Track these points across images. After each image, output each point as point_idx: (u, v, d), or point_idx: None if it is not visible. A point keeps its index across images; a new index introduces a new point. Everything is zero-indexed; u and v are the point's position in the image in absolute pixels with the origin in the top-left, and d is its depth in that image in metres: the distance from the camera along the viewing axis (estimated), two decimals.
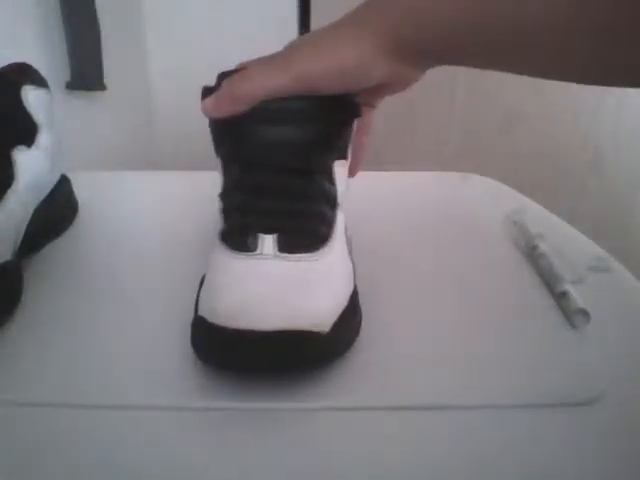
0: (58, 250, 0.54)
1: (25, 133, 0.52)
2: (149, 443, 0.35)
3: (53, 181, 0.56)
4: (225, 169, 0.46)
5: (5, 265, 0.45)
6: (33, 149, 0.52)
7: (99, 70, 0.85)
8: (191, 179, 0.66)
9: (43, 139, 0.53)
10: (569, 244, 0.55)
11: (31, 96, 0.52)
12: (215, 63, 0.48)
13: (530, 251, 0.54)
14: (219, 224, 0.44)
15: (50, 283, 0.49)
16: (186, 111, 0.71)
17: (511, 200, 0.65)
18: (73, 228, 0.58)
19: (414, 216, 0.61)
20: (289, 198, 0.42)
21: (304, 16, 0.92)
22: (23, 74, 0.53)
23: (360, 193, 0.51)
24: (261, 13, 0.88)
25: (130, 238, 0.56)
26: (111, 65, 0.85)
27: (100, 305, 0.46)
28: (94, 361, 0.40)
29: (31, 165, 0.51)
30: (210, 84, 0.45)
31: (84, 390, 0.38)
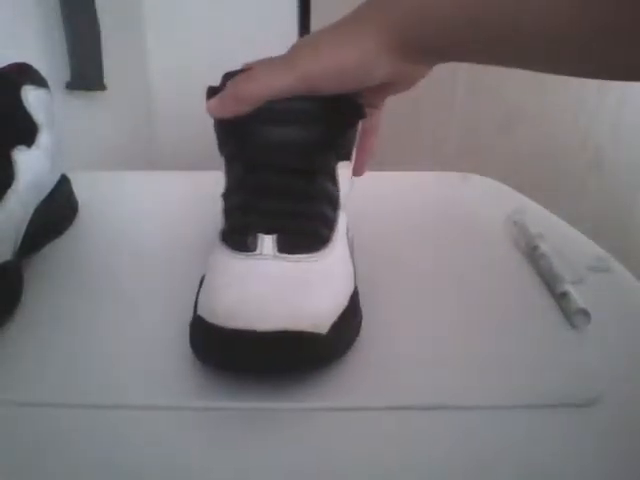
0: (58, 250, 0.54)
1: (25, 133, 0.52)
2: (148, 443, 0.35)
3: (53, 181, 0.56)
4: (228, 169, 0.46)
5: (5, 265, 0.45)
6: (33, 149, 0.52)
7: (99, 70, 0.85)
8: (191, 179, 0.66)
9: (43, 139, 0.53)
10: (569, 244, 0.55)
11: (31, 96, 0.52)
12: (215, 63, 0.48)
13: (530, 251, 0.54)
14: (220, 224, 0.44)
15: (50, 283, 0.49)
16: (186, 111, 0.71)
17: (511, 200, 0.65)
18: (73, 228, 0.58)
19: (414, 216, 0.61)
20: (291, 199, 0.42)
21: (304, 16, 0.92)
22: (23, 74, 0.53)
23: (360, 193, 0.51)
24: (261, 13, 0.88)
25: (130, 238, 0.56)
26: (111, 65, 0.85)
27: (100, 305, 0.46)
28: (94, 361, 0.40)
29: (31, 165, 0.51)
30: (210, 84, 0.45)
31: (84, 390, 0.38)
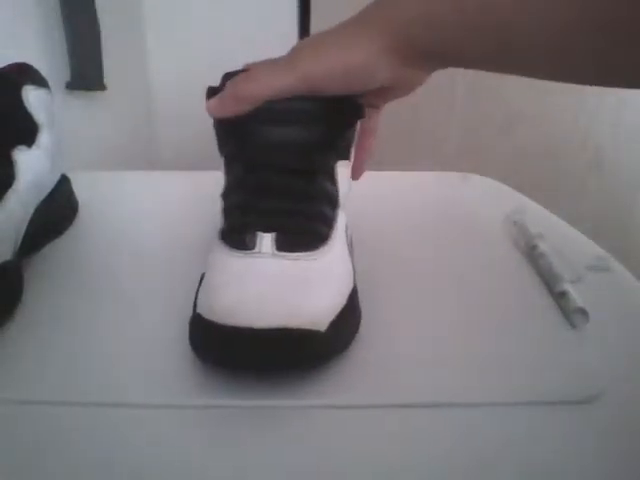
0: (58, 250, 0.54)
1: (25, 133, 0.52)
2: (148, 441, 0.35)
3: (53, 181, 0.56)
4: (228, 169, 0.46)
5: (5, 265, 0.45)
6: (33, 149, 0.52)
7: (99, 70, 0.85)
8: (191, 179, 0.66)
9: (43, 139, 0.53)
10: (569, 244, 0.55)
11: (32, 96, 0.52)
12: (215, 63, 0.48)
13: (530, 251, 0.54)
14: (219, 223, 0.44)
15: (50, 283, 0.49)
16: (186, 111, 0.71)
17: (511, 200, 0.65)
18: (73, 228, 0.58)
19: (414, 216, 0.61)
20: (290, 198, 0.42)
21: (304, 16, 0.92)
22: (24, 74, 0.53)
23: (360, 193, 0.51)
24: (261, 13, 0.88)
25: (130, 238, 0.56)
26: (111, 65, 0.85)
27: (100, 305, 0.46)
28: (94, 360, 0.40)
29: (31, 165, 0.51)
30: (211, 84, 0.45)
31: (84, 388, 0.38)
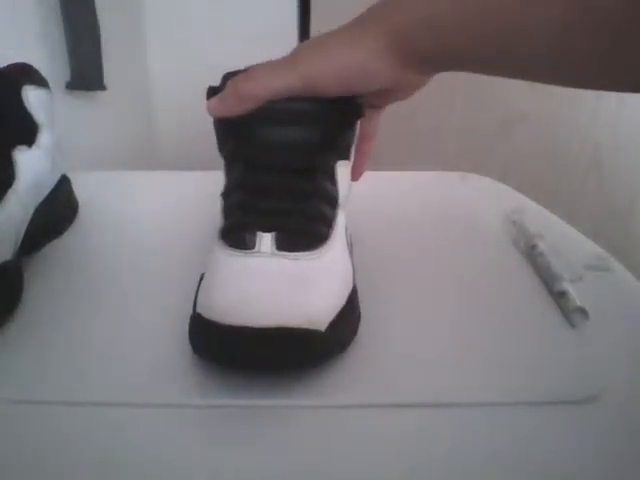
0: (58, 250, 0.54)
1: (26, 133, 0.52)
2: (148, 441, 0.35)
3: (53, 181, 0.56)
4: (228, 168, 0.46)
5: (5, 265, 0.45)
6: (34, 149, 0.52)
7: (99, 70, 0.85)
8: (191, 179, 0.66)
9: (44, 139, 0.53)
10: (568, 244, 0.55)
11: (32, 96, 0.52)
12: (215, 63, 0.48)
13: (529, 250, 0.54)
14: (219, 223, 0.44)
15: (50, 283, 0.49)
16: (186, 111, 0.71)
17: (510, 200, 0.65)
18: (73, 228, 0.58)
19: (414, 216, 0.61)
20: (290, 198, 0.42)
21: (304, 17, 0.92)
22: (24, 74, 0.53)
23: (360, 193, 0.51)
24: (261, 14, 0.88)
25: (130, 238, 0.56)
26: (111, 65, 0.85)
27: (100, 305, 0.46)
28: (94, 359, 0.40)
29: (32, 165, 0.51)
30: (211, 84, 0.45)
31: (84, 388, 0.38)
